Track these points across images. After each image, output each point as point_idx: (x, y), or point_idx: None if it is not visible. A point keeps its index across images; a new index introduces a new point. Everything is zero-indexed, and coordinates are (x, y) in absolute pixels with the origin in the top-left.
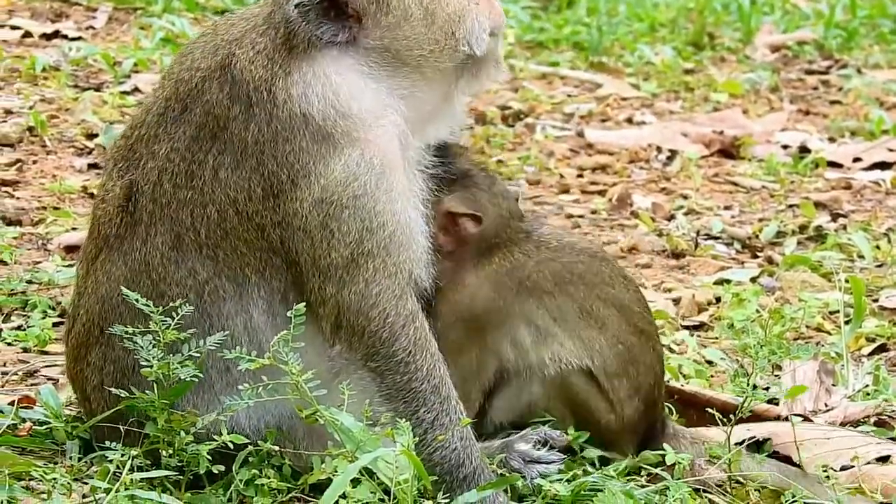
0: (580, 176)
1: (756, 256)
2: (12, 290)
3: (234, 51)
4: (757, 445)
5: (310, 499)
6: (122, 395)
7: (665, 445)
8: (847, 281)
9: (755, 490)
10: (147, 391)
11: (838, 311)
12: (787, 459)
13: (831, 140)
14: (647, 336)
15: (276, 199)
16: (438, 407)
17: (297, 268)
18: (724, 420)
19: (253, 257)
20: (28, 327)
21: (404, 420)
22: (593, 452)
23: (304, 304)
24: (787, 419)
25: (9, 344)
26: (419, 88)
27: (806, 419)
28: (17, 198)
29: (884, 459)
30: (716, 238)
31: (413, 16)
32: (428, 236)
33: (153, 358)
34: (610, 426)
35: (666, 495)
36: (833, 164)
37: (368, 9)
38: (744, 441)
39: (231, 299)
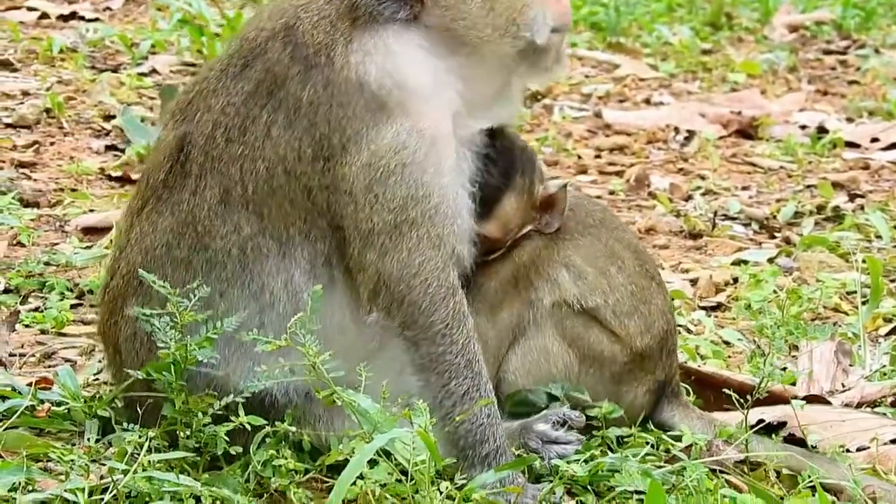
0: (598, 157)
1: (773, 237)
2: (30, 272)
3: (300, 14)
4: (772, 428)
5: (327, 479)
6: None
7: (682, 427)
8: (864, 261)
9: (773, 471)
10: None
11: (855, 292)
12: (802, 442)
13: (849, 120)
14: (658, 283)
15: (325, 161)
16: (470, 381)
17: (342, 231)
18: (741, 402)
19: (298, 217)
20: (46, 309)
21: (435, 392)
22: (612, 432)
23: (321, 286)
24: (803, 400)
25: (27, 326)
26: (477, 70)
27: (822, 400)
28: (35, 179)
29: None
30: (733, 219)
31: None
32: (473, 215)
33: (171, 339)
34: (616, 357)
35: (683, 476)
36: (851, 145)
37: None
38: (760, 422)
39: (273, 257)
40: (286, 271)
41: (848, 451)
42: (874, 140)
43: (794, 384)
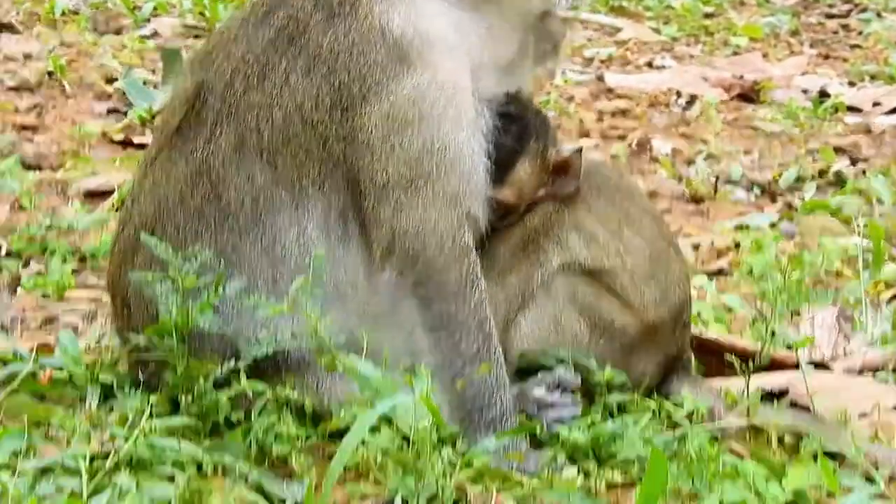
0: (600, 120)
1: (775, 201)
2: (31, 235)
3: None
4: (774, 395)
5: (330, 445)
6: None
7: (684, 392)
8: (866, 226)
9: (776, 438)
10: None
11: (857, 257)
12: (805, 409)
13: (851, 84)
14: (676, 251)
15: (344, 111)
16: (480, 343)
17: (357, 185)
18: (744, 367)
19: (312, 168)
20: (47, 273)
21: (445, 351)
22: (613, 398)
23: (323, 251)
24: (809, 365)
25: (28, 290)
26: (499, 27)
27: (824, 366)
28: (37, 143)
29: None
30: (735, 183)
31: None
32: (489, 174)
33: (172, 304)
34: (627, 329)
35: (685, 442)
36: (852, 109)
37: None
38: (761, 389)
39: (286, 209)
40: (298, 224)
41: (850, 417)
42: (876, 104)
43: (804, 347)
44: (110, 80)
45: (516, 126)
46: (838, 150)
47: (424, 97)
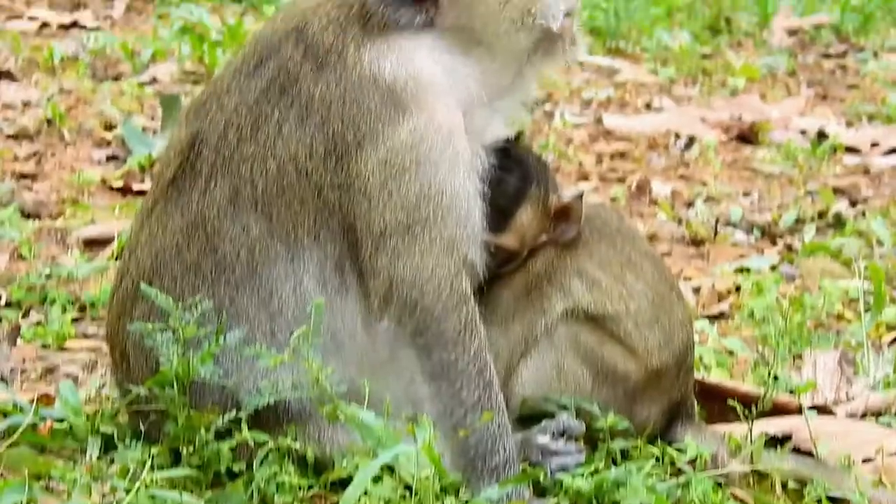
0: (599, 163)
1: (775, 244)
2: (31, 285)
3: (308, 17)
4: (777, 440)
5: (332, 495)
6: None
7: (687, 438)
8: (866, 268)
9: (779, 483)
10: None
11: (858, 299)
12: (808, 454)
13: (849, 125)
14: (678, 294)
15: (338, 159)
16: (481, 391)
17: (353, 234)
18: (746, 413)
19: (307, 218)
20: (47, 323)
21: (446, 400)
22: (617, 444)
23: (323, 299)
24: (812, 410)
25: (28, 340)
26: (493, 64)
27: (827, 410)
28: (36, 191)
29: None
30: (735, 225)
31: None
32: (484, 217)
33: (173, 354)
34: (630, 375)
35: (688, 489)
36: (851, 149)
37: None
38: (765, 434)
39: (282, 261)
40: (295, 275)
41: (853, 462)
42: (874, 144)
43: (807, 392)
44: (109, 127)
45: (517, 172)
46: (837, 191)
47: (421, 141)
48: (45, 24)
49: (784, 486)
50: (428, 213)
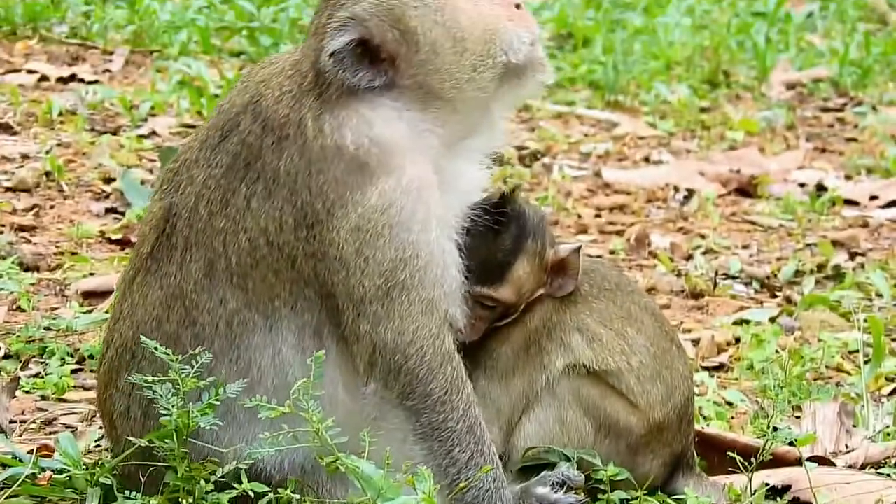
0: (598, 216)
1: (775, 296)
2: (30, 337)
3: (261, 90)
4: (778, 491)
5: None
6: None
7: (687, 490)
8: (866, 321)
9: None
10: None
11: (857, 351)
12: None
13: (847, 178)
14: (678, 347)
15: (310, 229)
16: (473, 447)
17: (332, 301)
18: (745, 464)
19: (283, 289)
20: (46, 375)
21: (439, 460)
22: (617, 496)
23: (323, 351)
24: (810, 462)
25: (27, 392)
26: (457, 114)
27: (827, 462)
28: (35, 243)
29: None
30: (734, 278)
31: (443, 47)
32: (462, 270)
33: (172, 406)
34: (632, 429)
35: None
36: (850, 202)
37: (399, 50)
38: (765, 485)
39: (260, 331)
40: (273, 345)
41: None
42: (873, 198)
43: (806, 445)
44: (108, 180)
45: (514, 225)
46: (836, 244)
47: (391, 205)
48: (43, 77)
49: None
50: (405, 277)
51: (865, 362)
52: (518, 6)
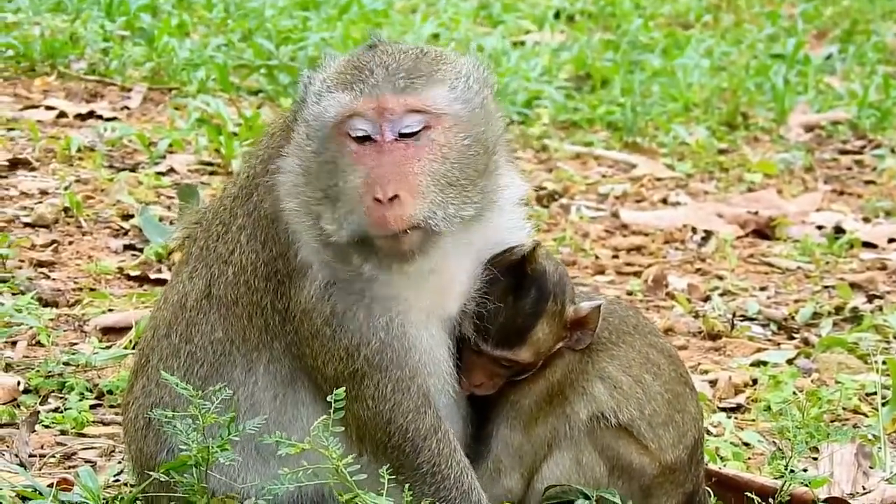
0: (615, 257)
1: (792, 338)
2: (49, 372)
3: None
4: None
5: None
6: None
7: None
8: (884, 363)
9: None
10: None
11: (875, 393)
12: None
13: (866, 220)
14: (691, 390)
15: (278, 283)
16: None
17: (302, 362)
18: None
19: (254, 333)
20: (65, 409)
21: None
22: None
23: (343, 388)
24: (822, 503)
25: (46, 426)
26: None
27: (844, 503)
28: (54, 279)
29: None
30: (752, 319)
31: None
32: (434, 337)
33: (192, 441)
34: (645, 470)
35: None
36: (868, 245)
37: None
38: None
39: (239, 367)
40: (247, 385)
41: None
42: (891, 240)
43: (822, 486)
44: (126, 217)
45: (534, 289)
46: (854, 287)
47: (326, 296)
48: (62, 114)
49: None
50: (361, 364)
51: (883, 404)
52: None
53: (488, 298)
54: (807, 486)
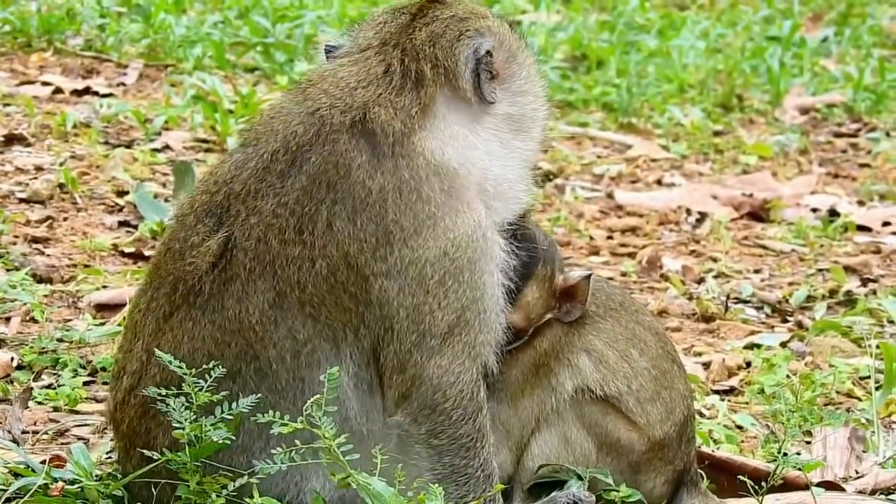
0: (610, 238)
1: (786, 321)
2: (43, 348)
3: (368, 105)
4: None
5: None
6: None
7: None
8: (877, 346)
9: None
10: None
11: (869, 377)
12: None
13: (860, 203)
14: (679, 366)
15: (390, 247)
16: (487, 496)
17: (388, 323)
18: (755, 488)
19: (352, 314)
20: (59, 386)
21: (452, 500)
22: None
23: (336, 368)
24: (815, 486)
25: (39, 403)
26: (531, 154)
27: (836, 487)
28: (48, 255)
29: None
30: (746, 302)
31: (533, 80)
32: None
33: (185, 420)
34: (633, 447)
35: None
36: (862, 228)
37: (505, 72)
38: None
39: (326, 361)
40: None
41: None
42: (885, 224)
43: (815, 470)
44: (121, 193)
45: (524, 251)
46: (848, 270)
47: (480, 237)
48: (58, 90)
49: None
50: (471, 316)
51: (877, 388)
52: None
53: None
54: (800, 469)
